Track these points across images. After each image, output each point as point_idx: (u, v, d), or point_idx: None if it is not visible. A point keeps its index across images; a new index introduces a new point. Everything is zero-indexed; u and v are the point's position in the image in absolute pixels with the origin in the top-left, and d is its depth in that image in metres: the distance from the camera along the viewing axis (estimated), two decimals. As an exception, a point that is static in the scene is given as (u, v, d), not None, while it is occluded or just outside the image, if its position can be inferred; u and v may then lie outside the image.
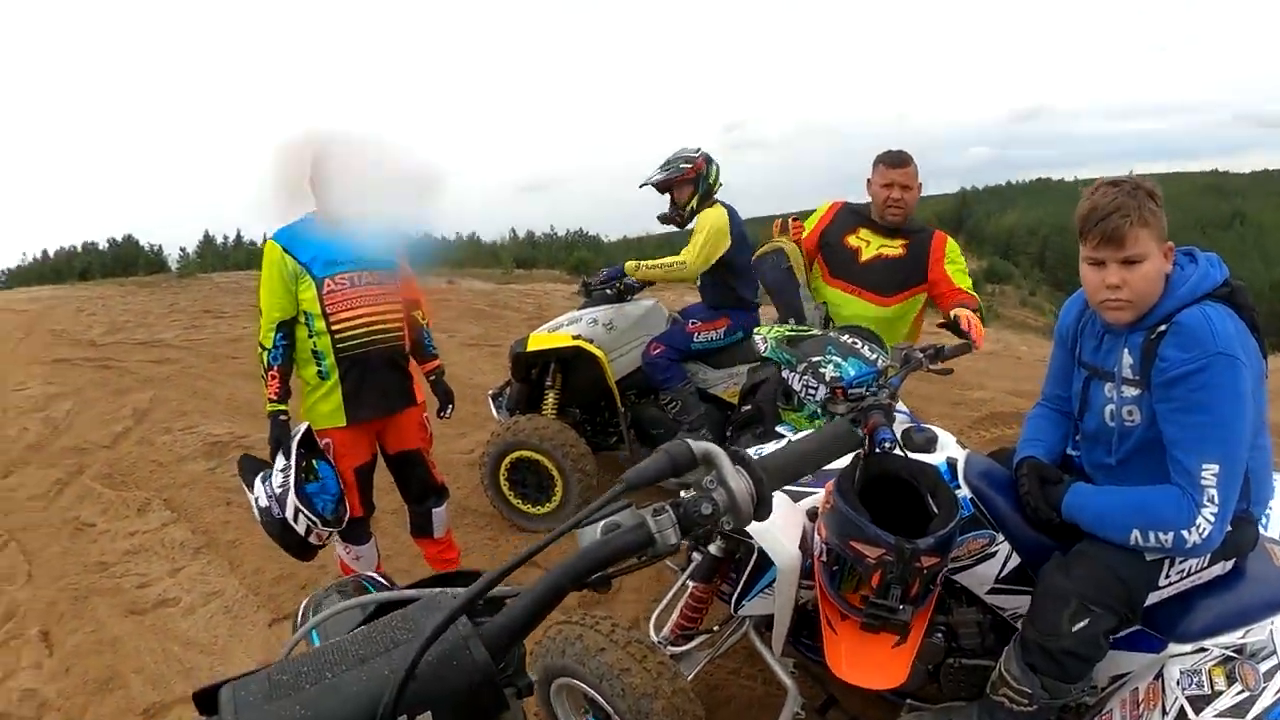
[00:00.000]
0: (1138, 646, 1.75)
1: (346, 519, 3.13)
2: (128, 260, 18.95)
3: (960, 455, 2.00)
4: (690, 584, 2.31)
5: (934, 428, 2.05)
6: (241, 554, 4.39)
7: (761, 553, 1.97)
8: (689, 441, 0.86)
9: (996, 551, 1.87)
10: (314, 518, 2.91)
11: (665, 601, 2.78)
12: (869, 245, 3.42)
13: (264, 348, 2.99)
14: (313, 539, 2.98)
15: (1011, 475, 1.95)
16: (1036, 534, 1.85)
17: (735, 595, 2.14)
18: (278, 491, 2.89)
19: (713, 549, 2.15)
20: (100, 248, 19.88)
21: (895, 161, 3.30)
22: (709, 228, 3.91)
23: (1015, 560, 1.86)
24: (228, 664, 3.52)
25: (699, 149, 4.06)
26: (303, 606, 1.39)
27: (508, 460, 4.14)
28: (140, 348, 9.19)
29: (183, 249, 20.80)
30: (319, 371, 3.02)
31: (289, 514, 2.88)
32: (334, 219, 2.89)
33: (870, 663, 1.64)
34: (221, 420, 6.51)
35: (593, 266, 14.93)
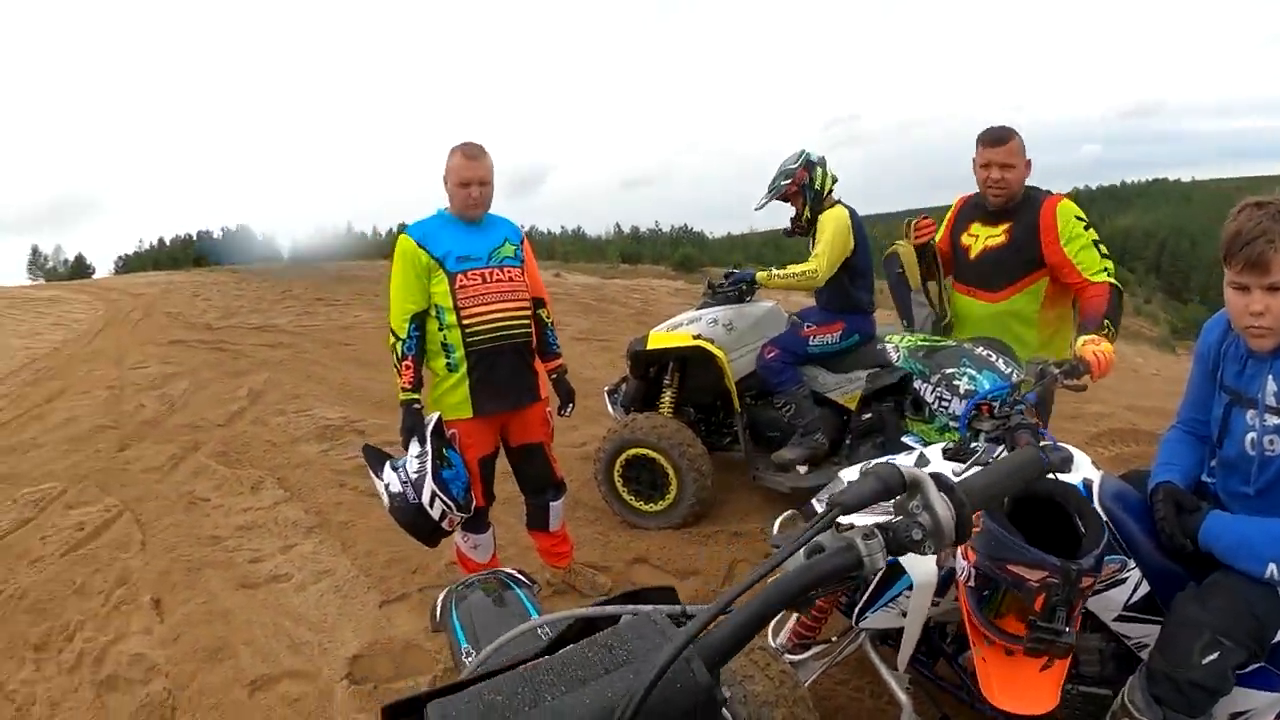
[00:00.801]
0: (1261, 685, 1.86)
1: (474, 508, 3.49)
2: (241, 248, 21.09)
3: (1095, 476, 2.14)
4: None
5: (1069, 447, 2.21)
6: (354, 535, 4.80)
7: (890, 566, 2.12)
8: (898, 465, 0.98)
9: (1127, 578, 2.01)
10: (449, 503, 3.28)
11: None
12: (977, 240, 3.67)
13: (397, 338, 3.37)
14: (445, 524, 3.35)
15: (1145, 499, 2.11)
16: (1169, 562, 2.00)
17: (859, 607, 2.31)
18: (413, 477, 3.27)
19: None
20: (214, 236, 22.24)
21: (993, 139, 3.46)
22: (832, 230, 4.19)
23: (1145, 588, 2.00)
24: (336, 642, 3.86)
25: (800, 156, 4.34)
26: (441, 598, 1.56)
27: (623, 457, 4.57)
28: (254, 332, 10.24)
29: (294, 239, 22.96)
30: (448, 364, 3.42)
31: (425, 499, 3.25)
32: (465, 216, 3.38)
33: (1021, 687, 1.78)
34: (334, 404, 7.15)
35: (697, 262, 16.12)
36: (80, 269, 22.29)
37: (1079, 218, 3.43)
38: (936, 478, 0.95)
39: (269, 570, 4.54)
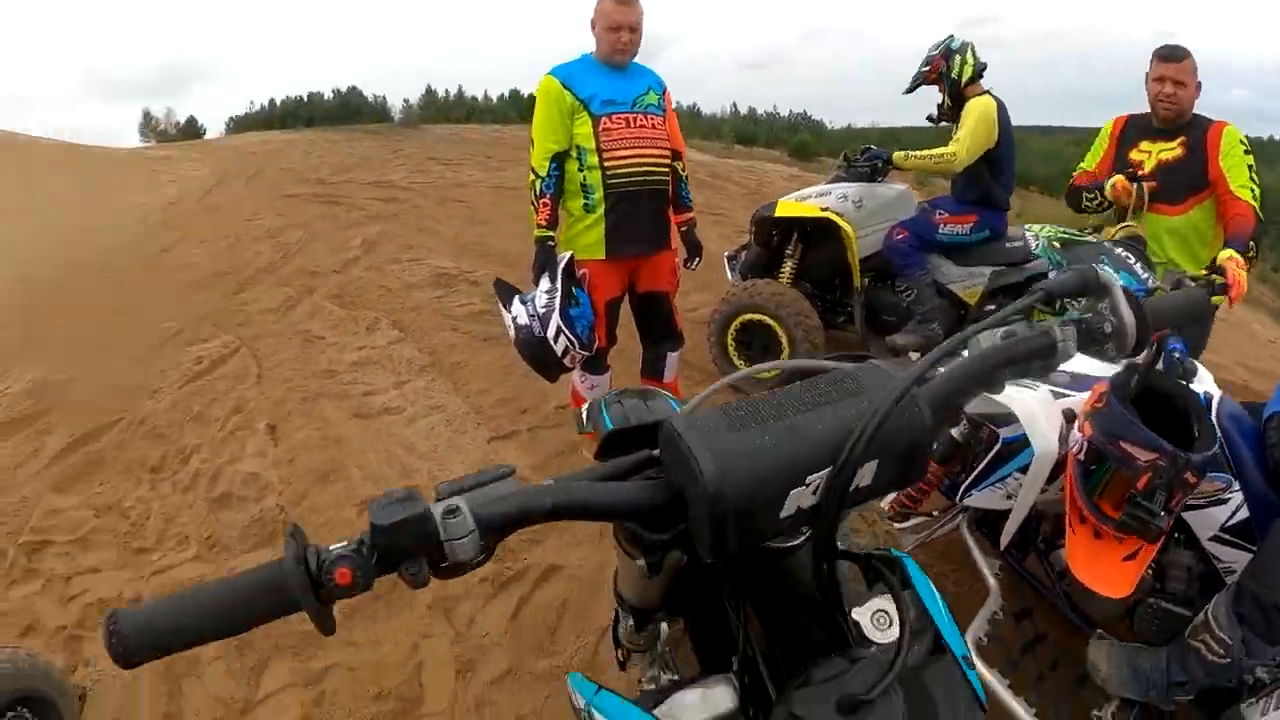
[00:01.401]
0: None
1: (595, 348, 3.75)
2: (352, 109, 22.03)
3: (1216, 393, 2.29)
4: None
5: (1196, 363, 2.31)
6: (466, 375, 5.12)
7: (1004, 445, 2.36)
8: (1095, 268, 1.07)
9: (1229, 499, 2.14)
10: (573, 339, 3.55)
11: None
12: (1150, 155, 3.89)
13: (537, 176, 3.63)
14: (566, 360, 3.63)
15: (1259, 428, 2.24)
16: (1272, 491, 2.13)
17: (965, 485, 2.49)
18: (541, 311, 3.56)
19: (955, 432, 2.53)
20: (325, 98, 23.24)
21: (1169, 55, 3.74)
22: (975, 117, 4.44)
23: (1244, 513, 2.13)
24: (445, 471, 4.21)
25: (943, 42, 4.65)
26: (589, 406, 1.69)
27: (738, 321, 4.88)
28: (367, 187, 10.79)
29: (405, 100, 23.65)
30: (585, 204, 3.69)
31: (550, 333, 3.53)
32: (611, 61, 3.65)
33: (1104, 567, 1.99)
34: (447, 255, 7.50)
35: (813, 151, 16.00)
36: (192, 131, 23.95)
37: (1242, 141, 3.69)
38: (1124, 289, 1.05)
39: (382, 403, 4.91)
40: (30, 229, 13.27)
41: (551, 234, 3.67)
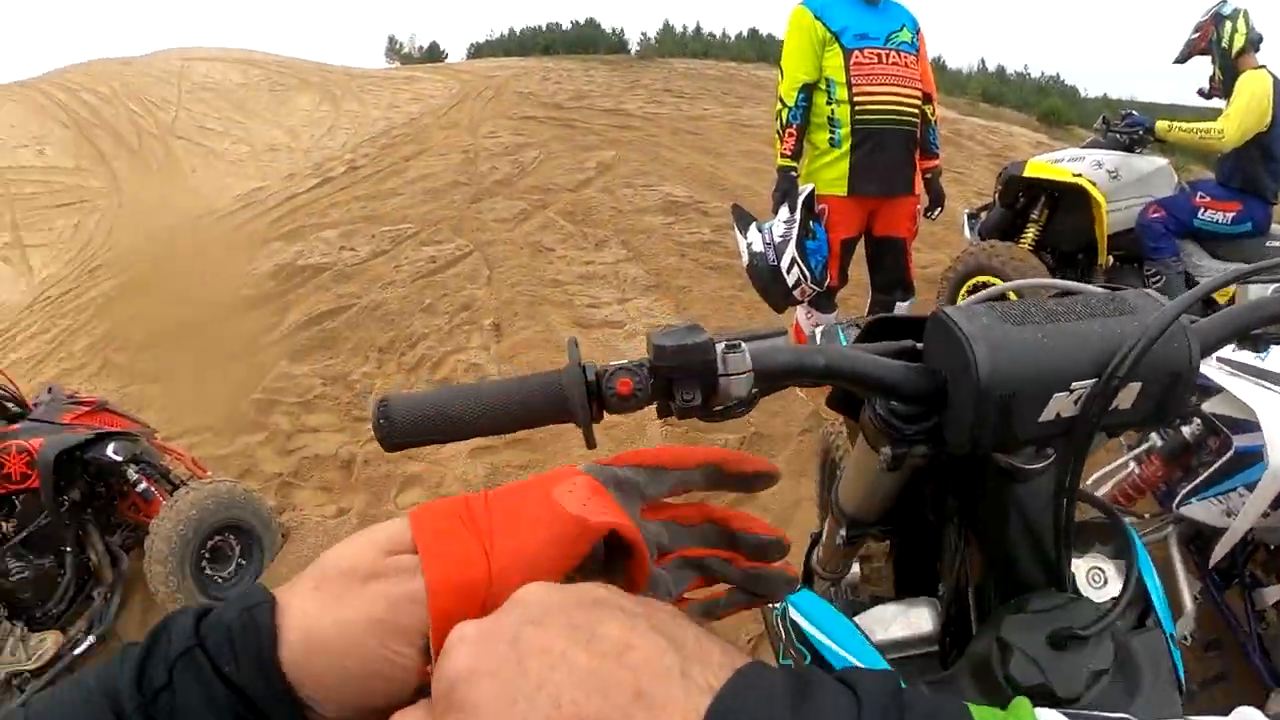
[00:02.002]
0: None
1: (826, 285, 3.86)
2: (589, 40, 22.72)
3: None
4: (1133, 464, 2.67)
5: None
6: (690, 299, 5.35)
7: (1236, 454, 2.25)
8: None
9: None
10: (806, 271, 3.67)
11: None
12: None
13: (785, 105, 3.76)
14: (796, 293, 3.76)
15: None
16: None
17: (1185, 492, 2.41)
18: (777, 240, 3.70)
19: (1185, 431, 2.49)
20: (563, 27, 24.08)
21: None
22: (1247, 94, 4.22)
23: None
24: None
25: (1214, 6, 4.43)
26: (822, 330, 1.76)
27: (971, 282, 4.75)
28: (604, 114, 11.23)
29: (643, 33, 24.11)
30: (831, 139, 3.79)
31: (784, 263, 3.67)
32: None
33: None
34: (680, 184, 7.73)
35: (1064, 118, 14.90)
36: (434, 54, 25.65)
37: None
38: None
39: (603, 316, 5.23)
40: (284, 143, 14.73)
41: (795, 165, 3.80)
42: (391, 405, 0.73)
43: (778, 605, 1.28)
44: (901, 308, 4.13)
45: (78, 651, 3.35)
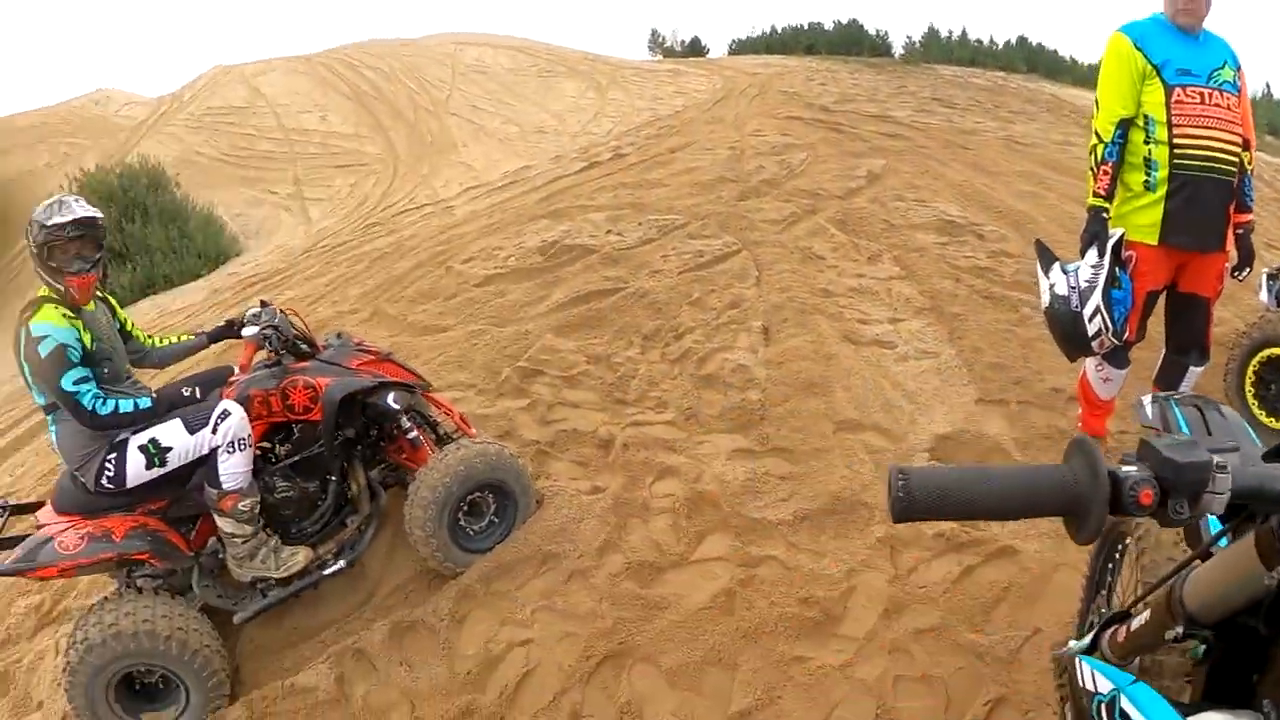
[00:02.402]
0: None
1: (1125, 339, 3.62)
2: (851, 41, 22.24)
3: None
4: None
5: None
6: (964, 329, 5.10)
7: None
8: None
9: None
10: (1108, 322, 3.45)
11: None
12: None
13: (1100, 140, 3.56)
14: (1095, 344, 3.54)
15: None
16: None
17: None
18: (1082, 285, 3.50)
19: None
20: (826, 27, 23.69)
21: None
22: None
23: None
24: (927, 417, 4.33)
25: None
26: (1150, 401, 1.62)
27: (1265, 354, 4.34)
28: (871, 119, 10.95)
29: (908, 37, 23.36)
30: (1147, 182, 3.56)
31: (1087, 311, 3.47)
32: (1183, 24, 3.51)
33: None
34: (953, 202, 7.39)
35: None
36: (696, 49, 25.95)
37: None
38: None
39: (874, 334, 5.08)
40: (551, 127, 15.35)
41: (1107, 205, 3.60)
42: (912, 480, 0.77)
43: (1103, 691, 1.29)
44: (1194, 372, 3.84)
45: (325, 572, 3.61)
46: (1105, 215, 3.59)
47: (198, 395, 3.41)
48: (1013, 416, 4.34)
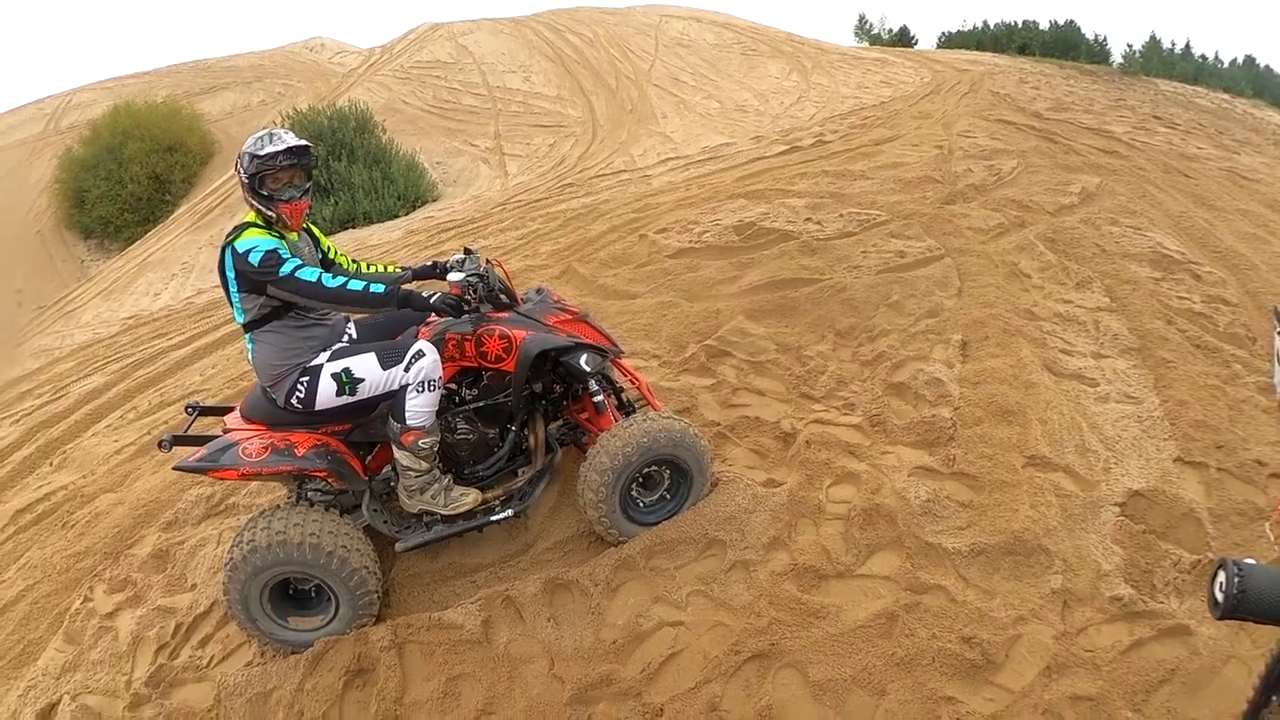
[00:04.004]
0: None
1: None
2: (1068, 44, 20.96)
3: None
4: None
5: None
6: (1172, 378, 4.74)
7: None
8: None
9: None
10: None
11: None
12: None
13: None
14: None
15: None
16: None
17: None
18: None
19: None
20: (1041, 27, 22.44)
21: None
22: None
23: None
24: (1122, 468, 4.04)
25: None
26: None
27: None
28: (1087, 132, 10.29)
29: (1128, 45, 21.86)
30: None
31: None
32: None
33: None
34: (1170, 234, 6.84)
35: None
36: (904, 38, 25.08)
37: None
38: None
39: (1076, 367, 4.78)
40: (753, 106, 15.20)
41: None
42: (1252, 578, 0.73)
43: None
44: None
45: (492, 518, 3.66)
46: None
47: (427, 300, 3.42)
48: (1210, 483, 4.00)
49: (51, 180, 19.50)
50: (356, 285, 3.28)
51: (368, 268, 3.91)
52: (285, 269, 3.21)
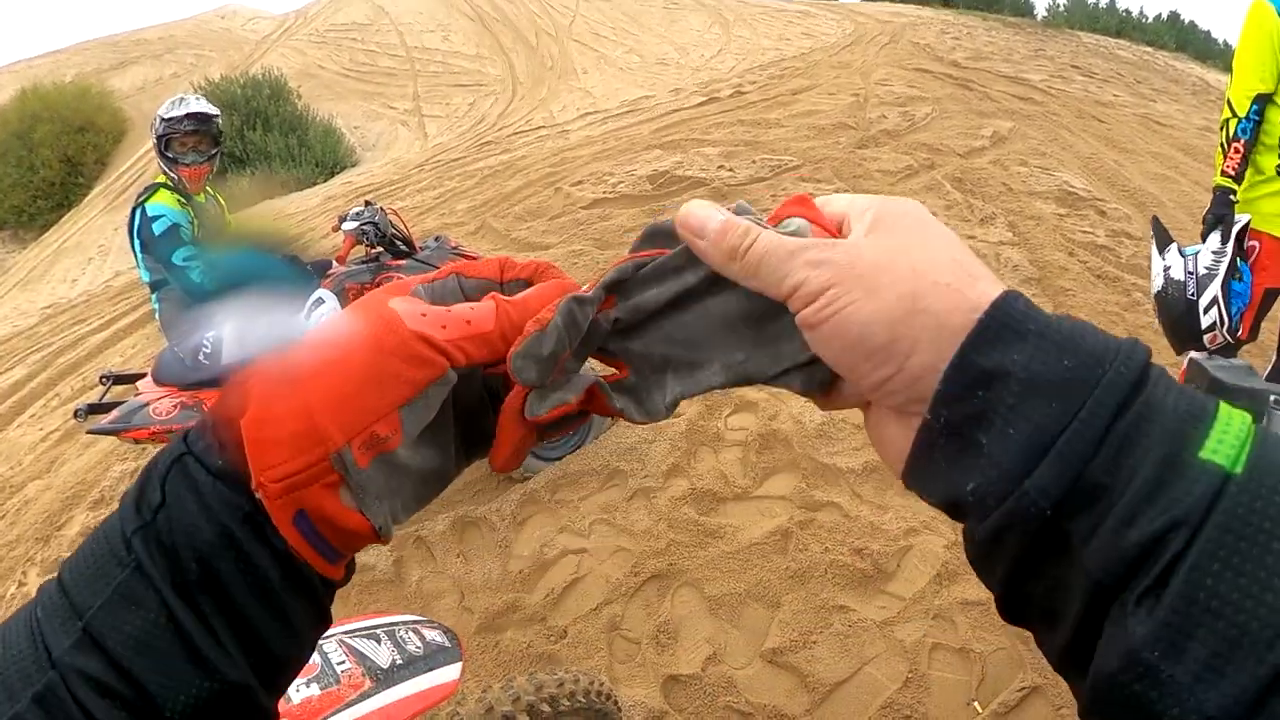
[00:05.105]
0: None
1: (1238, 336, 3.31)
2: (996, -1, 21.25)
3: None
4: None
5: None
6: (1069, 305, 4.87)
7: None
8: None
9: None
10: (1225, 316, 3.16)
11: None
12: None
13: (1234, 114, 3.29)
14: (1206, 338, 3.23)
15: None
16: None
17: None
18: (1201, 272, 3.19)
19: None
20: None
21: None
22: None
23: None
24: None
25: None
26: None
27: None
28: (1003, 80, 10.46)
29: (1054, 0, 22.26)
30: (1279, 165, 3.27)
31: (1203, 301, 3.16)
32: None
33: None
34: (1078, 174, 7.03)
35: None
36: (832, -9, 25.40)
37: None
38: None
39: (976, 299, 4.88)
40: (673, 59, 15.12)
41: (1235, 187, 3.32)
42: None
43: None
44: None
45: None
46: (1232, 198, 3.32)
47: (309, 271, 3.53)
48: None
49: (-42, 172, 18.71)
50: None
51: None
52: (178, 256, 3.28)
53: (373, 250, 3.65)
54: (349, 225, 3.67)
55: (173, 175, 3.43)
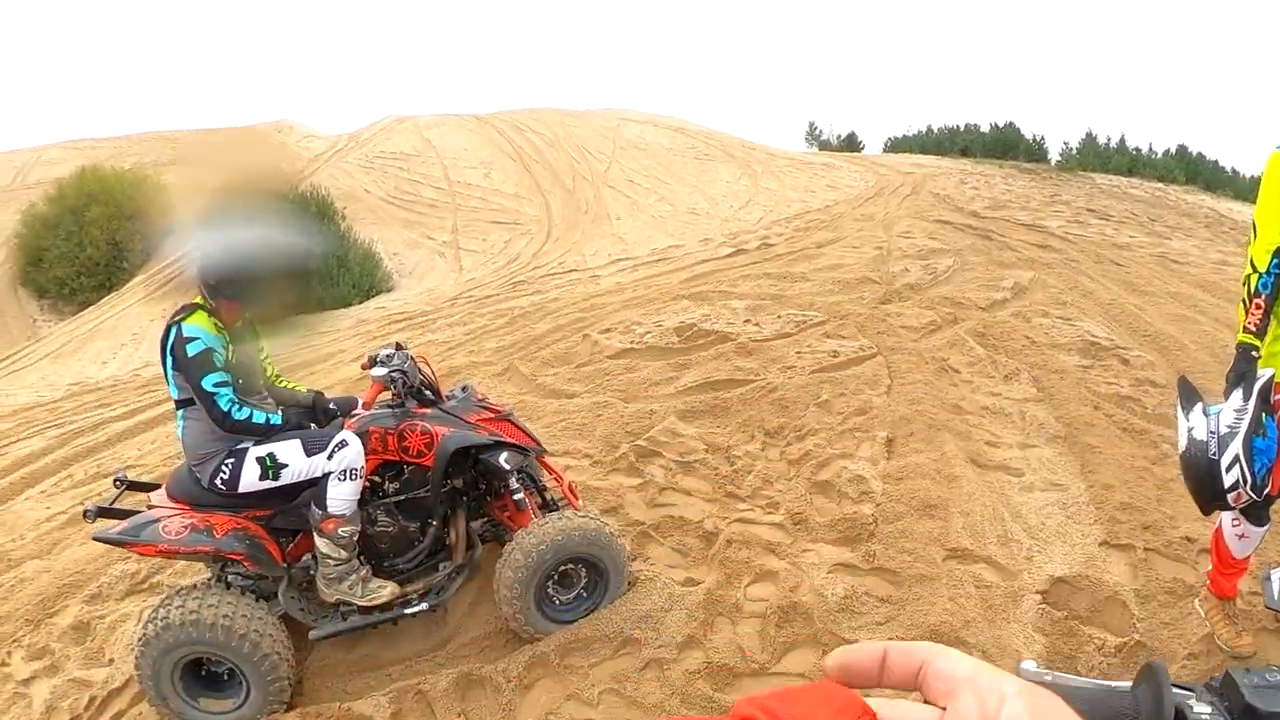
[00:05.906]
0: None
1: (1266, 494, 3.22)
2: (1007, 145, 21.84)
3: None
4: None
5: None
6: (1097, 463, 4.79)
7: None
8: None
9: None
10: (1248, 474, 3.09)
11: None
12: None
13: (1255, 270, 3.23)
14: (1230, 497, 3.16)
15: None
16: None
17: None
18: (1223, 431, 3.14)
19: None
20: (982, 129, 23.36)
21: None
22: None
23: None
24: (1045, 556, 4.06)
25: None
26: (1269, 573, 1.52)
27: None
28: (1021, 228, 10.67)
29: (1065, 143, 22.81)
30: None
31: (1225, 459, 3.11)
32: None
33: None
34: (1099, 322, 7.07)
35: None
36: (851, 143, 26.08)
37: None
38: None
39: (1001, 458, 4.84)
40: (703, 209, 15.62)
41: (1258, 343, 3.24)
42: None
43: None
44: None
45: (407, 611, 3.66)
46: (1255, 354, 3.24)
47: (335, 410, 3.63)
48: (1137, 564, 4.01)
49: (12, 234, 19.30)
50: (260, 418, 3.36)
51: (279, 382, 3.93)
52: (209, 381, 3.27)
53: (399, 397, 3.65)
54: (378, 372, 3.67)
55: (211, 304, 3.40)
